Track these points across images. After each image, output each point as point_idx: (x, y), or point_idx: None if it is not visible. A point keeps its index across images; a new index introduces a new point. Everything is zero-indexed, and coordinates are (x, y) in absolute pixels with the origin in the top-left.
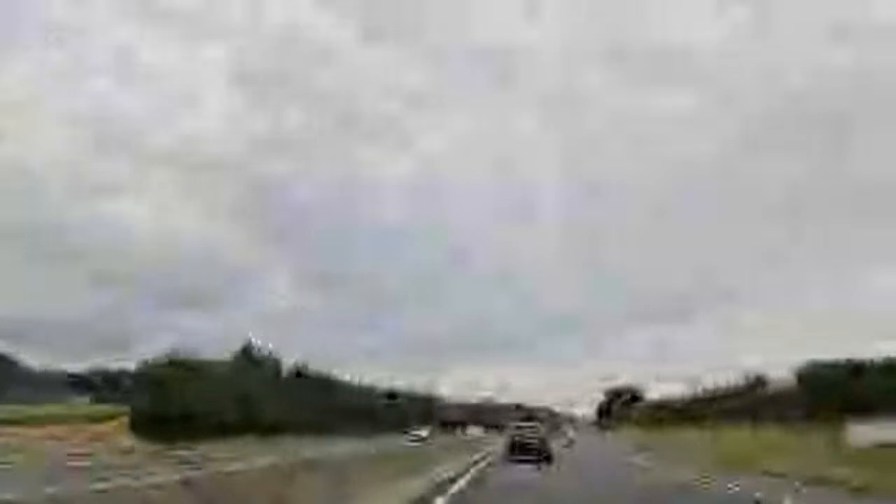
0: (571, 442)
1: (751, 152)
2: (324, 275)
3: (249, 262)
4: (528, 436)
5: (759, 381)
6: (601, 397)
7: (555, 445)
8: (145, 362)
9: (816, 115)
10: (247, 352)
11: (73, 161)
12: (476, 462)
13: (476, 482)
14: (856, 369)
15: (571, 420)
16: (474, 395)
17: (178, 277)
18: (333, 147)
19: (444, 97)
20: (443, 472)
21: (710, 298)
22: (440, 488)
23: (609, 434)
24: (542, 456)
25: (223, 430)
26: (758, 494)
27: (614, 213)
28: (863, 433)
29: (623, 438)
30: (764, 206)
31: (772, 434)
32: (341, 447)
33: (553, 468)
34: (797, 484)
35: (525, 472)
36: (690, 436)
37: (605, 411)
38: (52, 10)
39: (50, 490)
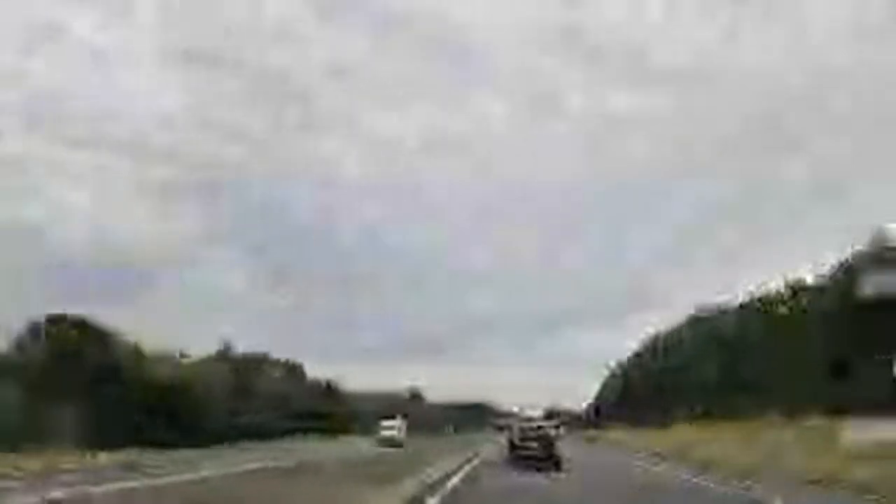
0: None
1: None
2: (281, 271)
3: (198, 255)
4: (531, 436)
5: None
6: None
7: None
8: None
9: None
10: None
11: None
12: None
13: None
14: None
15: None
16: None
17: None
18: (286, 137)
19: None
20: None
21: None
22: None
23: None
24: (549, 460)
25: None
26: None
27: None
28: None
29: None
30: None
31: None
32: None
33: None
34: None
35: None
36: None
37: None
38: None
39: None
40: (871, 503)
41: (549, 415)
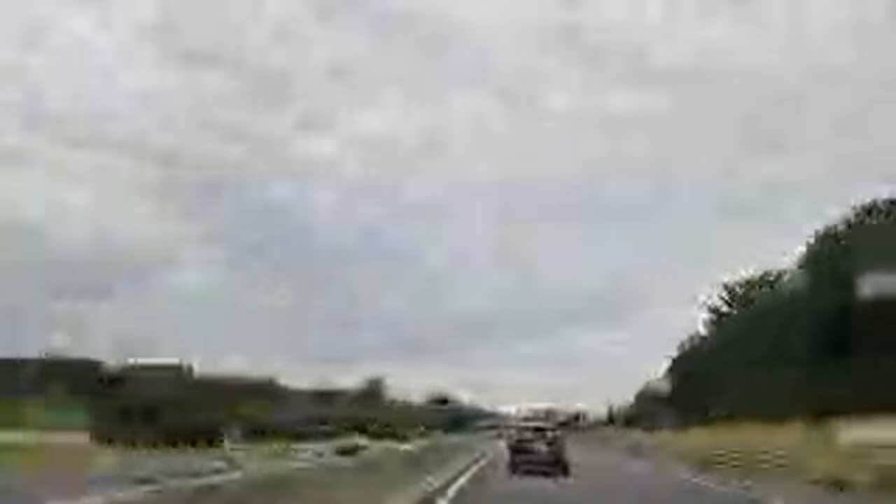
0: None
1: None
2: (273, 272)
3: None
4: (532, 437)
5: None
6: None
7: None
8: None
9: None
10: None
11: None
12: None
13: None
14: None
15: None
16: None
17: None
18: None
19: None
20: None
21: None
22: None
23: None
24: (557, 465)
25: None
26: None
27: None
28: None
29: None
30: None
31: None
32: None
33: None
34: None
35: None
36: None
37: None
38: None
39: None
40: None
41: (546, 416)
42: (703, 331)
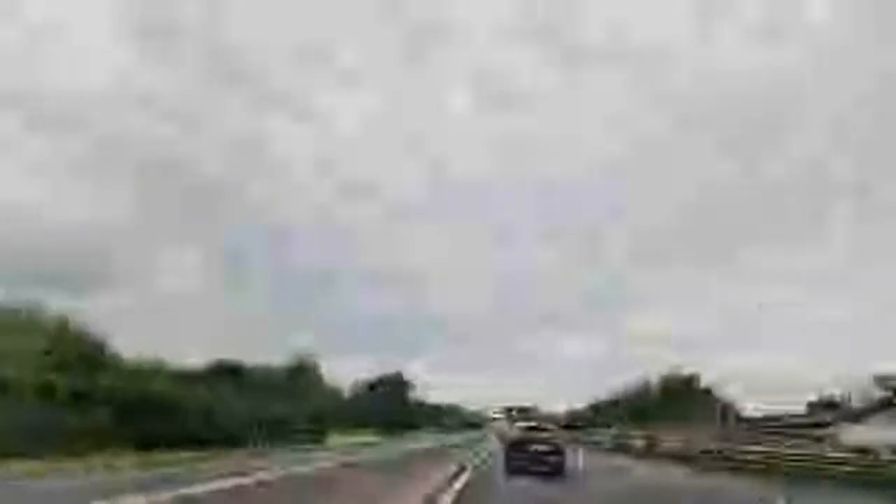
0: None
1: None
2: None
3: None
4: (533, 439)
5: None
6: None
7: None
8: None
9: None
10: None
11: None
12: None
13: None
14: None
15: None
16: None
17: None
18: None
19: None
20: None
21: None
22: None
23: None
24: (554, 469)
25: None
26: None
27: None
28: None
29: None
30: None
31: None
32: None
33: None
34: None
35: None
36: None
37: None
38: None
39: None
40: None
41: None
42: None
